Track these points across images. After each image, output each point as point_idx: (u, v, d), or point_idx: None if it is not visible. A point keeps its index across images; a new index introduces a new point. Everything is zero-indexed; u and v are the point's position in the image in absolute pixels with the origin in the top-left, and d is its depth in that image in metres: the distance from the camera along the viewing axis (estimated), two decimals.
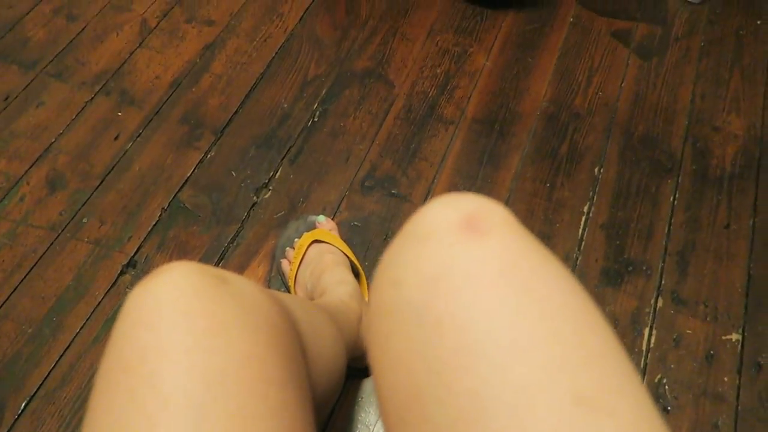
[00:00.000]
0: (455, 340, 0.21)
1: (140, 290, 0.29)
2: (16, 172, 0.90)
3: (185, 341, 0.26)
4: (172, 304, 0.28)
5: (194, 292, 0.28)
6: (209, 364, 0.26)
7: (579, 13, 1.12)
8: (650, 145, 0.95)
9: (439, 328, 0.22)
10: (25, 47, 1.03)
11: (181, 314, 0.27)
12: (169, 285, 0.29)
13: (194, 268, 0.30)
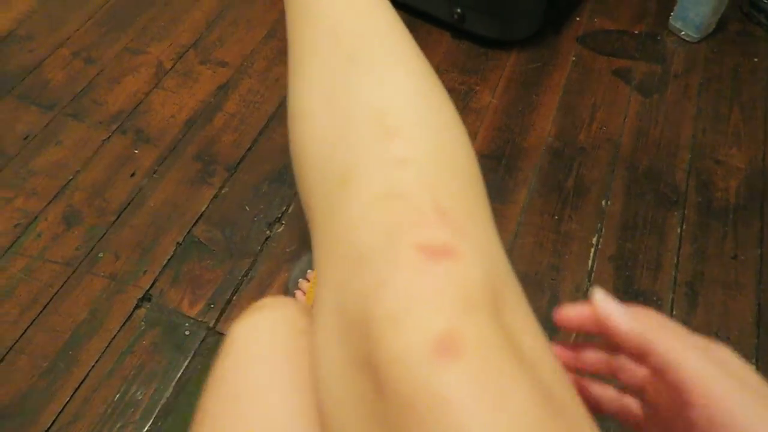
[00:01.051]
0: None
1: (247, 326, 0.32)
2: (33, 209, 0.91)
3: (293, 377, 0.29)
4: (281, 341, 0.30)
5: (299, 329, 0.31)
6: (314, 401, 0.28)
7: (580, 53, 1.15)
8: (655, 179, 0.97)
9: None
10: (45, 89, 1.07)
11: (289, 350, 0.30)
12: (277, 321, 0.31)
13: (295, 305, 0.33)
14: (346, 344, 0.27)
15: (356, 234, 0.29)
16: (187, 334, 0.80)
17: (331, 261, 0.30)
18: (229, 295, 0.84)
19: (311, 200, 0.34)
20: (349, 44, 0.36)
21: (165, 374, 0.77)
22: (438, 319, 0.24)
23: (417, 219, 0.27)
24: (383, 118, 0.32)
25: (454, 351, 0.23)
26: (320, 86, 0.36)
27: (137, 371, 0.77)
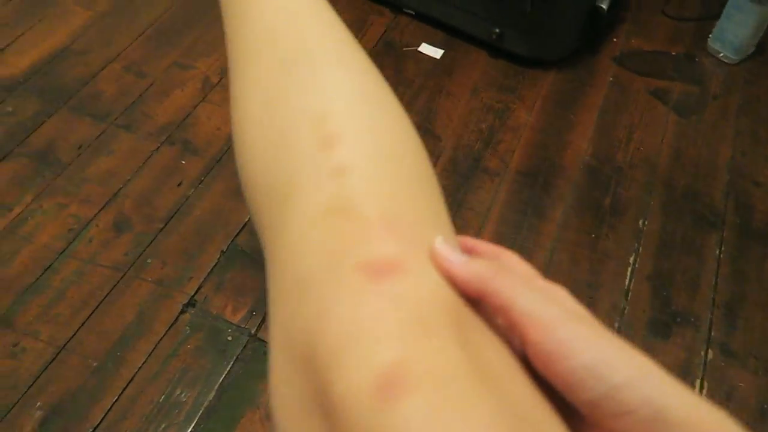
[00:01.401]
0: None
1: None
2: (86, 215, 0.95)
3: None
4: None
5: None
6: None
7: (617, 73, 1.16)
8: (692, 199, 0.97)
9: None
10: (98, 101, 1.12)
11: None
12: None
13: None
14: (296, 384, 0.24)
15: (299, 257, 0.26)
16: (229, 339, 0.83)
17: (277, 289, 0.27)
18: None
19: (260, 219, 0.31)
20: (284, 46, 0.34)
21: (208, 378, 0.80)
22: (382, 350, 0.21)
23: (361, 234, 0.25)
24: (322, 124, 0.30)
25: (400, 387, 0.21)
26: (258, 93, 0.33)
27: (182, 374, 0.80)
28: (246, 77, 0.35)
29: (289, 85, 0.33)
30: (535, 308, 0.24)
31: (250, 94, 0.34)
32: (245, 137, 0.34)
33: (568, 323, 0.23)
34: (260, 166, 0.32)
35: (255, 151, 0.33)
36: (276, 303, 0.29)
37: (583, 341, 0.22)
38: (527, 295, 0.25)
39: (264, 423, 0.76)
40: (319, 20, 0.37)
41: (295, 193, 0.29)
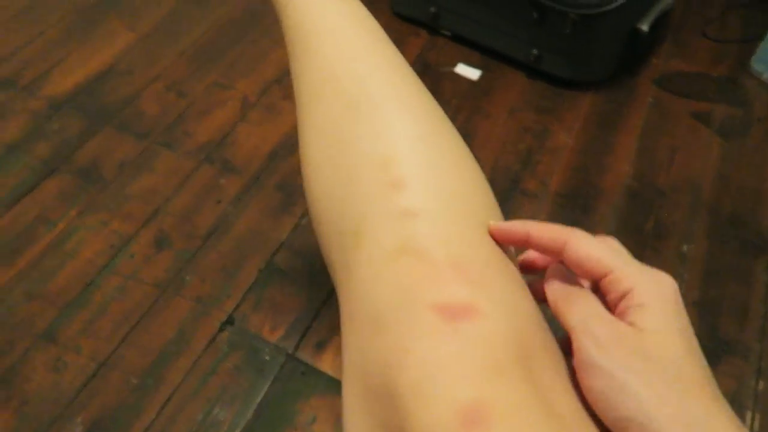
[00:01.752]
0: None
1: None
2: (127, 232, 0.97)
3: None
4: None
5: None
6: None
7: (657, 95, 1.15)
8: (738, 225, 0.95)
9: None
10: (140, 120, 1.14)
11: None
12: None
13: None
14: (372, 413, 0.26)
15: (372, 294, 0.28)
16: (267, 359, 0.83)
17: (352, 322, 0.29)
18: (309, 322, 0.86)
19: (330, 256, 0.33)
20: (349, 89, 0.35)
21: (246, 397, 0.79)
22: (464, 387, 0.23)
23: (432, 276, 0.27)
24: (388, 168, 0.31)
25: (482, 422, 0.22)
26: (325, 137, 0.35)
27: (220, 393, 0.80)
28: (312, 119, 0.37)
29: (353, 129, 0.34)
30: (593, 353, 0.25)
31: (317, 136, 0.36)
32: (315, 174, 0.36)
33: (626, 374, 0.24)
34: (329, 205, 0.34)
35: (325, 188, 0.34)
36: (349, 333, 0.30)
37: (633, 399, 0.23)
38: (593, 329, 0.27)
39: None
40: (383, 60, 0.38)
41: (366, 232, 0.30)
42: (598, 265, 0.27)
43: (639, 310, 0.25)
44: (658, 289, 0.26)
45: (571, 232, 0.28)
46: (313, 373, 0.82)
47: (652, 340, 0.24)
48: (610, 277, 0.27)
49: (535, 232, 0.29)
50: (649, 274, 0.27)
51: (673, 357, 0.23)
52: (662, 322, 0.25)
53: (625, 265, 0.27)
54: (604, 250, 0.27)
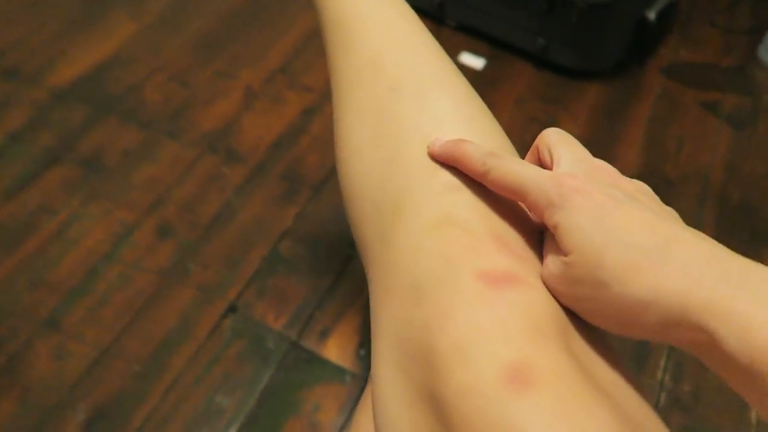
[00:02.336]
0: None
1: None
2: (130, 221, 0.96)
3: None
4: None
5: None
6: None
7: (666, 85, 1.14)
8: (748, 213, 0.94)
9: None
10: (143, 109, 1.13)
11: None
12: None
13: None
14: (409, 378, 0.26)
15: (413, 263, 0.28)
16: (271, 347, 0.82)
17: (388, 293, 0.29)
18: (312, 310, 0.85)
19: (365, 233, 0.33)
20: (390, 73, 0.36)
21: (250, 384, 0.79)
22: (507, 348, 0.23)
23: (475, 246, 0.27)
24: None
25: (526, 381, 0.22)
26: (366, 118, 0.35)
27: (223, 380, 0.79)
28: (352, 102, 0.38)
29: (397, 109, 0.35)
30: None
31: (358, 116, 0.37)
32: (352, 154, 0.36)
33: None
34: (367, 180, 0.34)
35: (362, 166, 0.35)
36: (384, 305, 0.29)
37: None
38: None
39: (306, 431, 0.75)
40: (423, 48, 0.39)
41: (407, 205, 0.31)
42: (516, 185, 0.28)
43: (557, 232, 0.26)
44: (558, 198, 0.26)
45: (495, 156, 0.29)
46: (317, 361, 0.81)
47: (572, 262, 0.25)
48: (528, 201, 0.28)
49: (461, 156, 0.30)
50: (553, 185, 0.27)
51: (590, 264, 0.25)
52: (570, 236, 0.26)
53: (535, 183, 0.27)
54: (522, 170, 0.28)
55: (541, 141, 0.31)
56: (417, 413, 0.25)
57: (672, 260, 0.23)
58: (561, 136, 0.31)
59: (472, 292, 0.25)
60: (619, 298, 0.23)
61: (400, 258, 0.29)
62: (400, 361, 0.27)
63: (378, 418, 0.28)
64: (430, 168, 0.31)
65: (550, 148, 0.30)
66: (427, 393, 0.24)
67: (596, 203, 0.25)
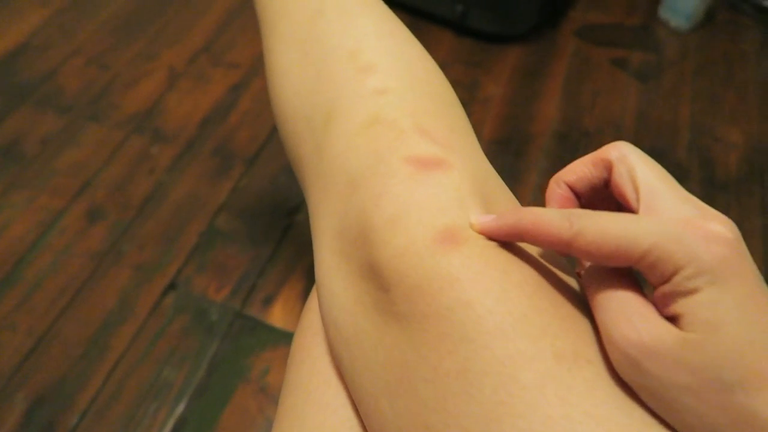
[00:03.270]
0: (439, 330, 0.23)
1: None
2: (56, 207, 0.93)
3: None
4: None
5: None
6: None
7: (578, 45, 1.20)
8: (658, 157, 1.00)
9: (423, 323, 0.23)
10: (61, 95, 1.09)
11: None
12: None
13: None
14: (349, 260, 0.28)
15: (347, 161, 0.30)
16: (215, 318, 0.82)
17: (326, 194, 0.31)
18: (254, 279, 0.86)
19: (301, 150, 0.35)
20: (314, 0, 0.38)
21: (197, 356, 0.78)
22: (438, 217, 0.25)
23: (402, 138, 0.29)
24: (358, 57, 0.34)
25: (455, 240, 0.24)
26: (293, 43, 0.37)
27: (169, 354, 0.78)
28: (278, 30, 0.40)
29: (323, 30, 0.37)
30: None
31: (284, 43, 0.39)
32: (282, 78, 0.38)
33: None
34: (298, 99, 0.36)
35: (292, 87, 0.37)
36: (322, 205, 0.31)
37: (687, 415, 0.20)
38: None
39: (256, 396, 0.75)
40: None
41: (337, 113, 0.33)
42: (624, 246, 0.21)
43: (686, 300, 0.20)
44: (711, 260, 0.20)
45: (577, 216, 0.22)
46: (263, 327, 0.82)
47: (698, 343, 0.20)
48: (647, 261, 0.21)
49: (530, 230, 0.24)
50: (690, 237, 0.20)
51: (721, 357, 0.19)
52: (713, 313, 0.20)
53: (661, 237, 0.20)
54: (625, 224, 0.21)
55: (619, 160, 0.25)
56: (359, 289, 0.27)
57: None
58: (643, 156, 0.25)
59: (403, 175, 0.27)
60: (736, 408, 0.19)
61: (334, 161, 0.31)
62: (341, 249, 0.28)
63: (324, 307, 0.29)
64: (357, 76, 0.33)
65: (633, 172, 0.24)
66: (367, 267, 0.26)
67: (751, 283, 0.20)
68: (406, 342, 0.24)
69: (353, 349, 0.27)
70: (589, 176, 0.26)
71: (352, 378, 0.27)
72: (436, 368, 0.23)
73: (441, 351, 0.23)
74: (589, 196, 0.27)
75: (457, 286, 0.23)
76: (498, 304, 0.23)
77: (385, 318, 0.25)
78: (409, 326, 0.24)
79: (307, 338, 0.33)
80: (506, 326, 0.22)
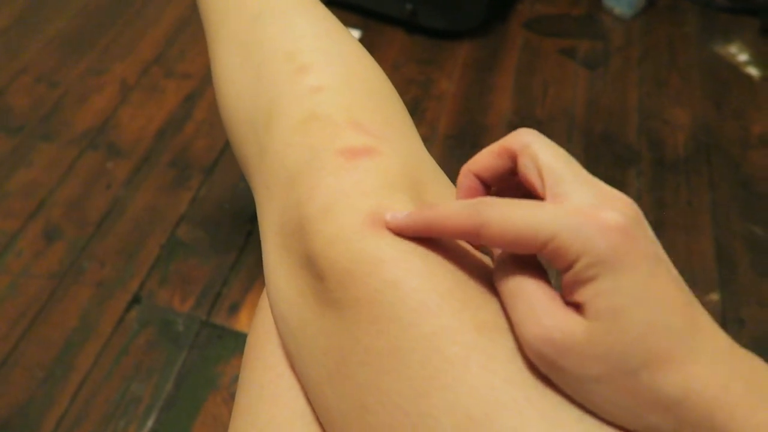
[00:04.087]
0: (370, 312, 0.24)
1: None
2: (11, 229, 0.91)
3: None
4: None
5: None
6: None
7: (527, 37, 1.22)
8: (610, 141, 1.04)
9: (356, 307, 0.24)
10: (10, 115, 1.07)
11: None
12: None
13: None
14: (289, 253, 0.28)
15: (285, 158, 0.31)
16: (181, 329, 0.82)
17: (269, 191, 0.32)
18: (219, 287, 0.86)
19: (246, 152, 0.36)
20: (252, 4, 0.39)
21: (164, 369, 0.78)
22: (365, 201, 0.26)
23: (336, 132, 0.30)
24: (294, 58, 0.35)
25: (381, 223, 0.25)
26: (234, 48, 0.38)
27: (135, 369, 0.78)
28: (220, 36, 0.41)
29: (260, 34, 0.38)
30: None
31: (226, 48, 0.40)
32: (226, 83, 0.39)
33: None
34: (241, 103, 0.37)
35: (236, 92, 0.38)
36: (268, 202, 0.32)
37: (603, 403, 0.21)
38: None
39: (228, 403, 0.75)
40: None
41: (276, 113, 0.34)
42: (525, 237, 0.21)
43: (586, 288, 0.21)
44: (606, 249, 0.20)
45: (482, 206, 0.23)
46: (230, 334, 0.81)
47: (603, 331, 0.20)
48: (547, 250, 0.21)
49: (437, 225, 0.24)
50: (584, 226, 0.21)
51: (624, 342, 0.20)
52: (611, 300, 0.20)
53: (560, 228, 0.21)
54: (529, 213, 0.22)
55: (522, 150, 0.24)
56: (299, 279, 0.28)
57: (701, 354, 0.20)
58: (545, 143, 0.25)
59: (334, 166, 0.28)
60: (643, 390, 0.20)
61: (275, 158, 0.32)
62: (283, 243, 0.29)
63: (272, 301, 0.30)
64: (294, 76, 0.34)
65: (536, 160, 0.24)
66: (305, 259, 0.27)
67: (649, 266, 0.21)
68: (342, 327, 0.25)
69: (299, 340, 0.28)
70: (495, 166, 0.25)
71: (300, 368, 0.28)
72: (368, 349, 0.23)
73: (372, 332, 0.23)
74: (499, 185, 0.27)
75: (384, 268, 0.24)
76: (423, 281, 0.24)
77: (323, 306, 0.26)
78: (343, 312, 0.25)
79: (260, 336, 0.33)
80: (431, 303, 0.23)
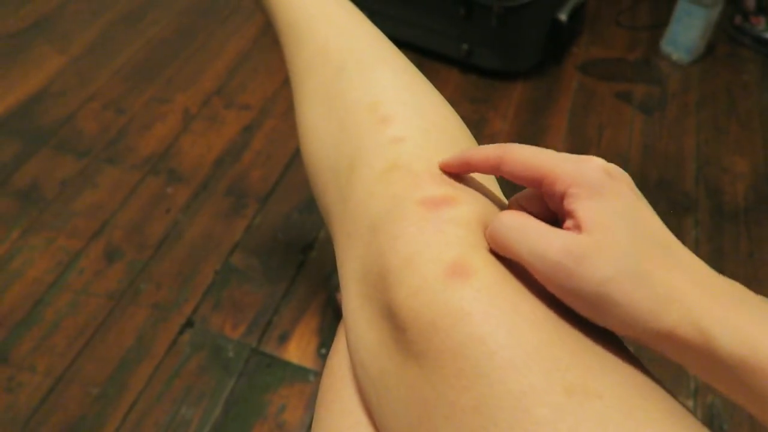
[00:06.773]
0: (455, 366, 0.24)
1: None
2: (74, 248, 0.95)
3: None
4: None
5: None
6: None
7: (582, 80, 1.23)
8: (666, 188, 1.02)
9: (439, 360, 0.24)
10: (79, 138, 1.12)
11: None
12: None
13: None
14: (371, 303, 0.29)
15: (368, 207, 0.31)
16: (231, 355, 0.83)
17: (350, 239, 0.32)
18: (269, 316, 0.87)
19: (328, 199, 0.37)
20: (337, 58, 0.41)
21: (213, 394, 0.79)
22: (447, 251, 0.27)
23: (417, 182, 0.31)
24: (377, 109, 0.36)
25: (465, 273, 0.25)
26: (319, 99, 0.40)
27: (186, 393, 0.79)
28: (306, 87, 0.43)
29: (344, 86, 0.40)
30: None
31: (312, 100, 0.42)
32: (310, 132, 0.41)
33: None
34: (325, 152, 0.38)
35: (320, 142, 0.39)
36: (349, 250, 0.33)
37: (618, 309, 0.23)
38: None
39: None
40: (363, 33, 0.45)
41: (359, 162, 0.35)
42: (531, 170, 0.27)
43: (580, 204, 0.25)
44: (599, 179, 0.26)
45: (505, 146, 0.29)
46: (279, 364, 0.82)
47: (593, 240, 0.24)
48: (546, 181, 0.27)
49: (471, 158, 0.30)
50: (574, 164, 0.26)
51: (614, 249, 0.24)
52: (601, 216, 0.25)
53: (557, 166, 0.26)
54: (536, 154, 0.28)
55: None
56: (381, 330, 0.28)
57: (679, 262, 0.24)
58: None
59: (415, 216, 0.29)
60: (646, 287, 0.23)
61: (357, 206, 0.32)
62: (365, 292, 0.30)
63: (351, 348, 0.30)
64: (376, 127, 0.35)
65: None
66: (387, 309, 0.27)
67: (627, 198, 0.26)
68: (425, 380, 0.25)
69: (379, 390, 0.28)
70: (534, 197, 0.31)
71: (380, 418, 0.28)
72: (453, 405, 0.23)
73: (457, 387, 0.23)
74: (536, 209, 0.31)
75: (469, 321, 0.24)
76: (509, 337, 0.24)
77: (404, 357, 0.26)
78: (426, 364, 0.25)
79: (337, 379, 0.34)
80: (518, 360, 0.23)
